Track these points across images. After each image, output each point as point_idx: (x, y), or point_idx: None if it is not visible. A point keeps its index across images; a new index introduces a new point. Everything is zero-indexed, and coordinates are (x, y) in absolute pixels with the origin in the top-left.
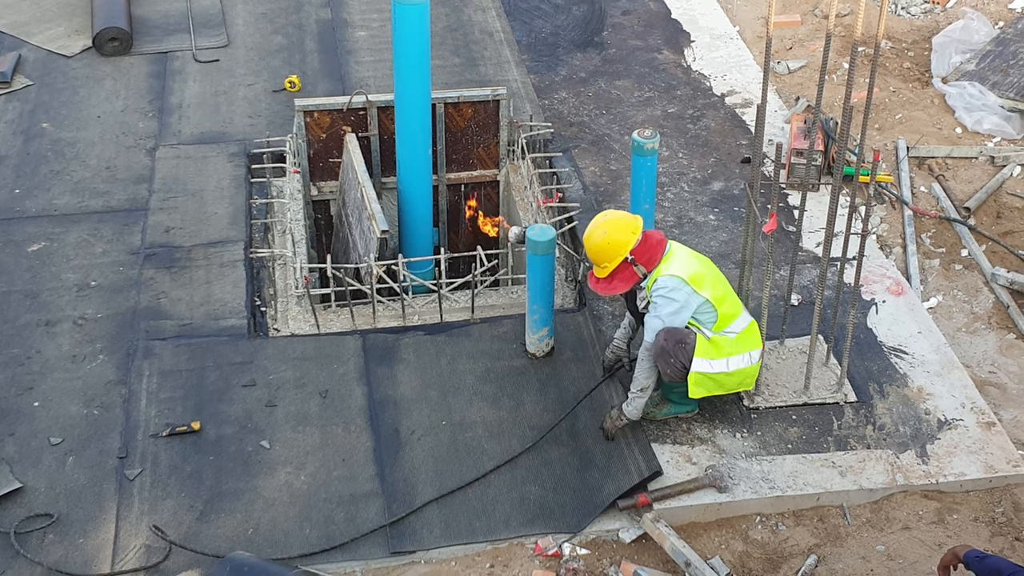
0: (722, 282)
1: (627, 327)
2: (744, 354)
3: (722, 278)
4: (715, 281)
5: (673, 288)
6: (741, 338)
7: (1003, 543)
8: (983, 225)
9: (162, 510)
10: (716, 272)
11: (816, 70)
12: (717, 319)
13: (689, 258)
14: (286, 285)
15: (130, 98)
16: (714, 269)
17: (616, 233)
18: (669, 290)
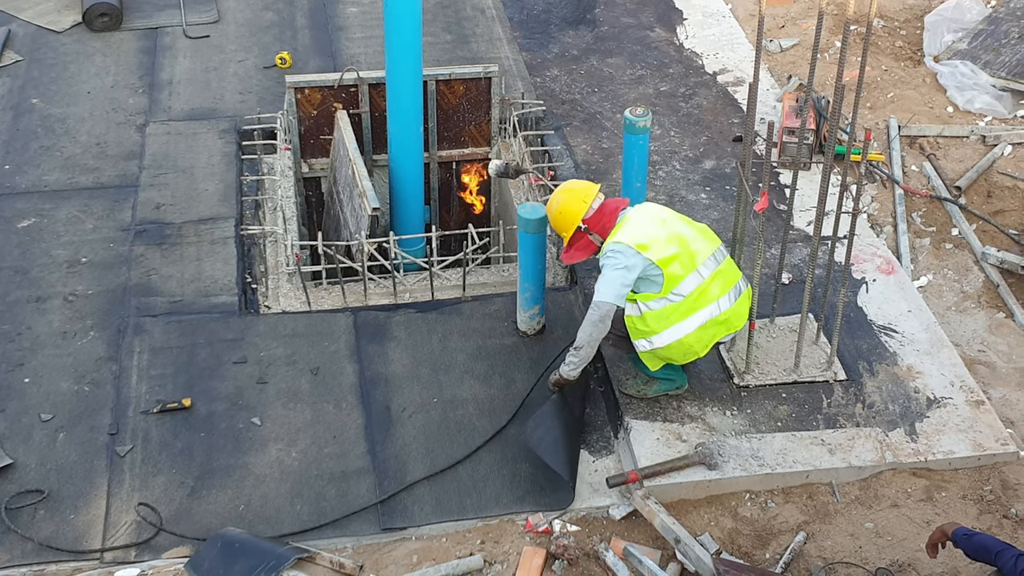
0: (680, 240)
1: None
2: (692, 316)
3: (683, 236)
4: (670, 240)
5: (617, 252)
6: (692, 300)
7: (991, 521)
8: (974, 204)
9: (153, 486)
10: (678, 230)
11: (808, 48)
12: (664, 281)
13: (642, 222)
14: (277, 262)
15: (120, 74)
16: (677, 227)
17: (568, 203)
18: (613, 254)
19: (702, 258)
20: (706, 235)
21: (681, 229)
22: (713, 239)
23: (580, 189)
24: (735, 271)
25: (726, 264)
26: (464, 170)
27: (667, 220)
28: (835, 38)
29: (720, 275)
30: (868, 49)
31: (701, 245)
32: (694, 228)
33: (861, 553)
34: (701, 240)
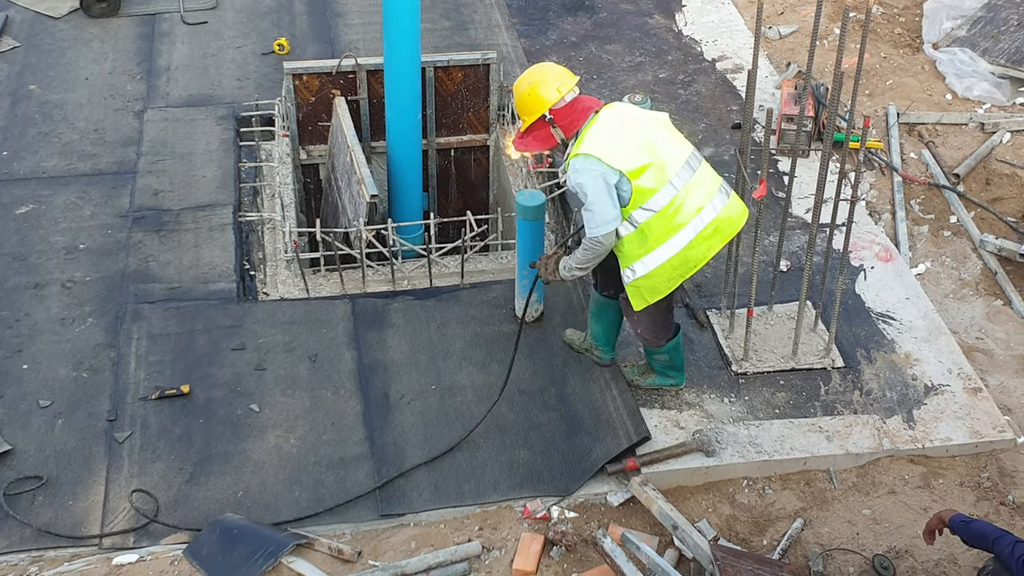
0: (650, 148)
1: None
2: (675, 236)
3: (653, 143)
4: (642, 149)
5: (584, 169)
6: (669, 218)
7: (988, 508)
8: (972, 191)
9: (151, 473)
10: (649, 135)
11: (807, 35)
12: (632, 195)
13: (610, 127)
14: (275, 249)
15: (118, 60)
16: (648, 131)
17: (540, 87)
18: (581, 172)
19: (674, 168)
20: (679, 140)
21: (653, 134)
22: (685, 144)
23: (555, 75)
24: (713, 176)
25: (702, 171)
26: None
27: (638, 123)
28: (834, 25)
29: (697, 184)
30: (867, 36)
31: (673, 153)
32: (667, 131)
33: (858, 540)
34: (674, 146)
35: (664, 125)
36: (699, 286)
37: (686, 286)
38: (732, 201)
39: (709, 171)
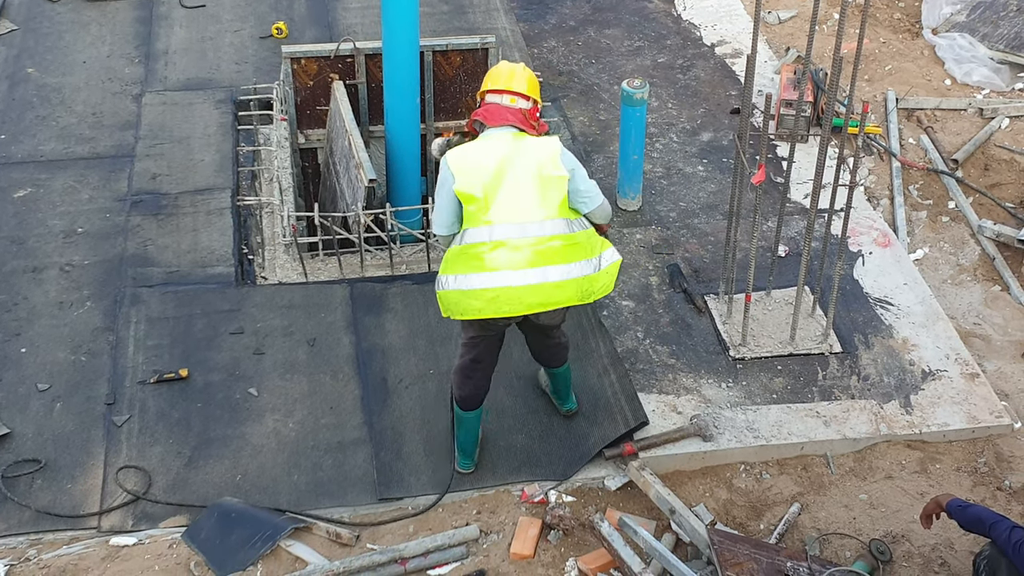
0: (490, 189)
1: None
2: (466, 276)
3: (497, 186)
4: (483, 183)
5: (441, 169)
6: (471, 257)
7: (985, 493)
8: (971, 177)
9: (150, 456)
10: (502, 180)
11: (806, 20)
12: (463, 216)
13: (483, 152)
14: (273, 233)
15: (116, 43)
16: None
17: (488, 76)
18: (440, 170)
19: (502, 218)
20: (538, 202)
21: (509, 180)
22: (540, 210)
23: (498, 72)
24: (569, 255)
25: (551, 244)
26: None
27: (506, 164)
28: (833, 10)
29: (525, 248)
30: (866, 21)
31: (510, 206)
32: (531, 188)
33: (855, 524)
34: (519, 202)
35: (536, 183)
36: (697, 271)
37: (685, 271)
38: (565, 287)
39: (569, 250)
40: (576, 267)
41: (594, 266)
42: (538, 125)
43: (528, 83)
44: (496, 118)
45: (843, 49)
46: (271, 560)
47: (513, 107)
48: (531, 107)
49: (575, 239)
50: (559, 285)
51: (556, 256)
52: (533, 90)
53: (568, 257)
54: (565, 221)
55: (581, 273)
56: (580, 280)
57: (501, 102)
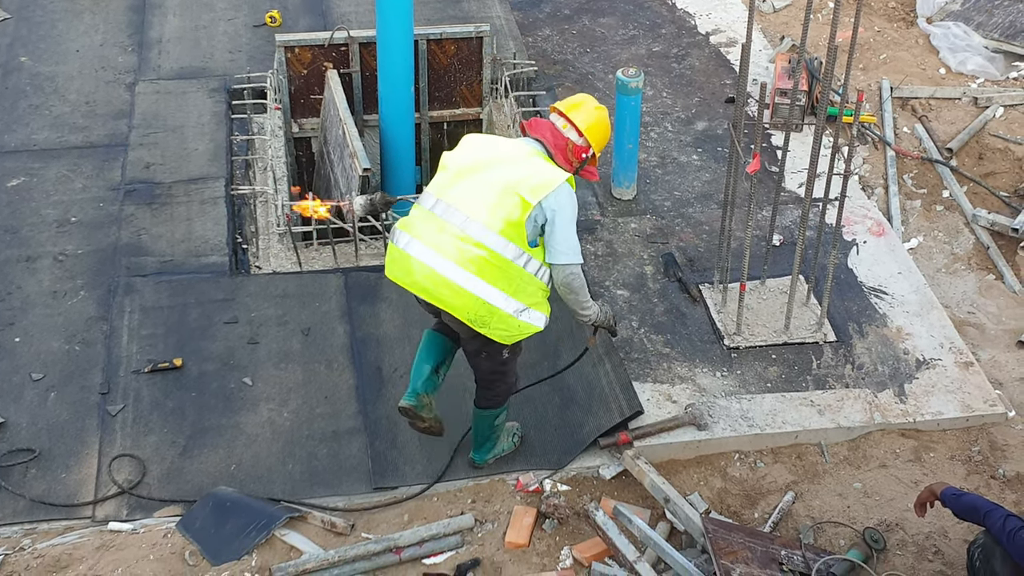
0: (459, 169)
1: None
2: (398, 232)
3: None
4: (456, 163)
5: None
6: (409, 217)
7: (979, 481)
8: (965, 166)
9: (144, 446)
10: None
11: (801, 9)
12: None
13: (492, 143)
14: (267, 223)
15: (109, 32)
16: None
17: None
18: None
19: (452, 199)
20: (493, 209)
21: (489, 176)
22: (496, 223)
23: (574, 99)
24: (486, 273)
25: (475, 251)
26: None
27: (484, 154)
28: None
29: (449, 236)
30: (861, 10)
31: (470, 197)
32: (496, 193)
33: (849, 513)
34: (479, 200)
35: (499, 191)
36: (692, 260)
37: (679, 260)
38: (445, 282)
39: (474, 251)
40: (485, 288)
41: (512, 307)
42: (576, 163)
43: (591, 122)
44: (535, 130)
45: (838, 38)
46: (266, 549)
47: (560, 131)
48: (580, 144)
49: (505, 266)
50: (454, 288)
51: (472, 264)
52: (592, 132)
53: (484, 274)
54: (509, 244)
55: (487, 298)
56: (481, 302)
57: (555, 122)
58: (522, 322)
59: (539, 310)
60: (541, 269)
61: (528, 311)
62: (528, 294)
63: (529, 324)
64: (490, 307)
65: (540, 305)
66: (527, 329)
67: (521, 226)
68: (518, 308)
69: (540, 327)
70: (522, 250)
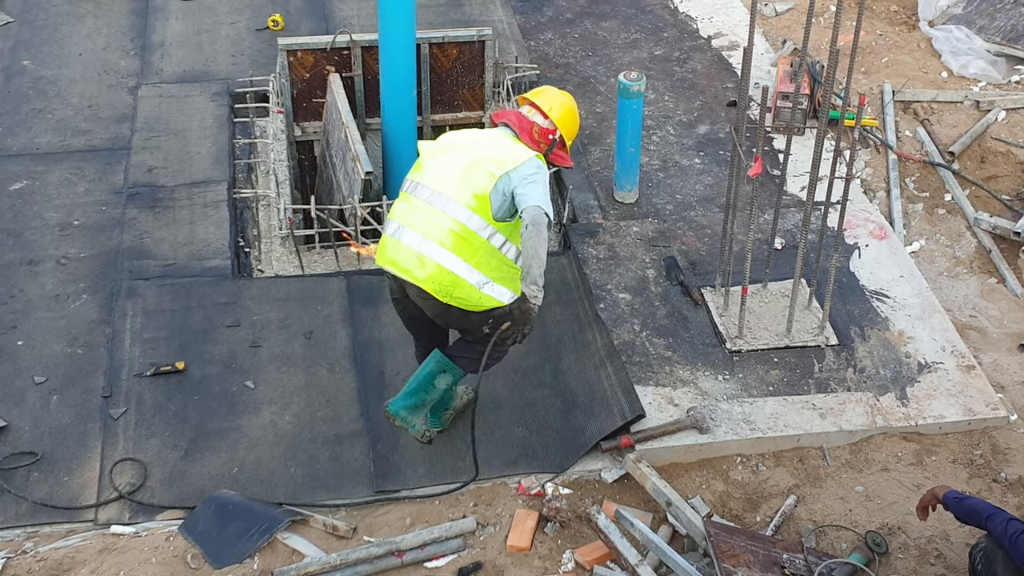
0: (431, 155)
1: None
2: (387, 221)
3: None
4: (431, 150)
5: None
6: (397, 201)
7: (981, 485)
8: (967, 170)
9: (146, 449)
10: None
11: (803, 12)
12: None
13: (458, 133)
14: (270, 226)
15: (112, 36)
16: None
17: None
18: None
19: (422, 179)
20: (460, 182)
21: (455, 155)
22: (464, 196)
23: (538, 88)
24: (454, 246)
25: (445, 224)
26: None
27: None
28: (830, 2)
29: (421, 211)
30: (863, 13)
31: (437, 173)
32: (462, 167)
33: (851, 516)
34: (446, 175)
35: (465, 165)
36: (694, 264)
37: (681, 264)
38: (414, 255)
39: (443, 224)
40: (452, 259)
41: (475, 279)
42: (543, 144)
43: (555, 104)
44: (502, 116)
45: (839, 41)
46: (268, 552)
47: (525, 116)
48: (545, 127)
49: (471, 237)
50: (421, 259)
51: (442, 236)
52: (559, 115)
53: (452, 247)
54: (474, 216)
55: (452, 268)
56: (445, 271)
57: (520, 109)
58: (484, 294)
59: (503, 285)
60: (507, 245)
61: (492, 284)
62: (492, 267)
63: (492, 297)
64: (454, 276)
65: (505, 281)
66: (489, 301)
67: (486, 199)
68: (481, 280)
69: (504, 302)
70: (487, 223)
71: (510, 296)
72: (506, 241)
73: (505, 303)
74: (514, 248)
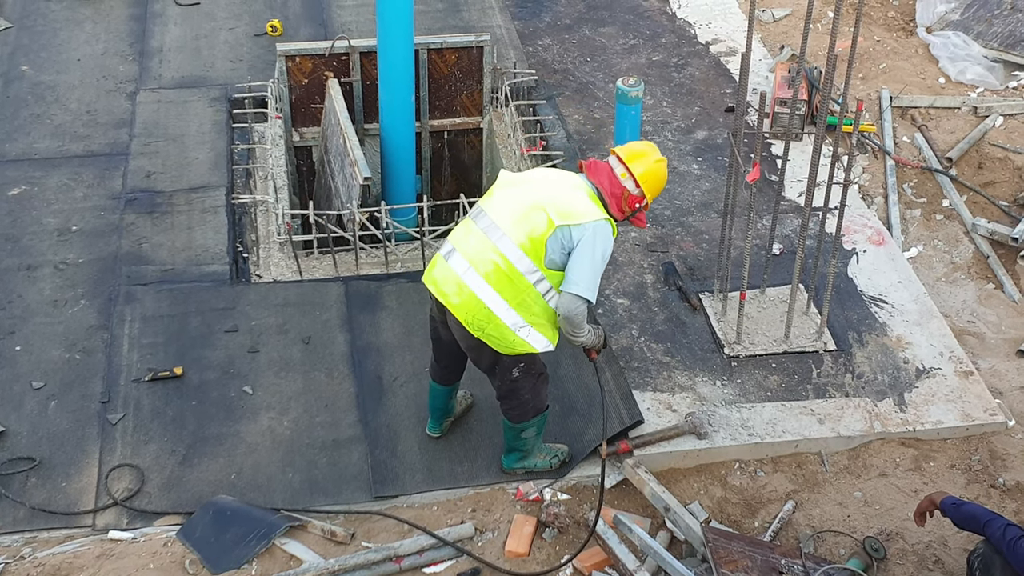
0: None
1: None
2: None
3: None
4: (510, 183)
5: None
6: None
7: (979, 490)
8: (965, 175)
9: (144, 454)
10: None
11: (801, 18)
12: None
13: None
14: (268, 231)
15: (110, 41)
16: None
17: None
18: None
19: (487, 207)
20: (518, 221)
21: (522, 191)
22: (518, 235)
23: (635, 147)
24: (496, 281)
25: (492, 257)
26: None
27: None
28: (828, 8)
29: (476, 238)
30: (860, 19)
31: (500, 206)
32: (524, 208)
33: (849, 522)
34: (508, 211)
35: (527, 206)
36: (692, 269)
37: (679, 269)
38: (456, 281)
39: (490, 257)
40: (491, 294)
41: (511, 320)
42: (628, 212)
43: (650, 174)
44: (594, 174)
45: (837, 47)
46: (266, 558)
47: (618, 179)
48: (635, 195)
49: (515, 278)
50: (460, 285)
51: (488, 270)
52: (649, 183)
53: (495, 282)
54: (524, 257)
55: (489, 303)
56: (481, 305)
57: (614, 168)
58: (519, 338)
59: (541, 332)
60: (551, 293)
61: (528, 329)
62: (532, 312)
63: (526, 342)
64: (489, 312)
65: (543, 328)
66: (523, 346)
67: (541, 244)
68: (517, 322)
69: (538, 349)
70: (536, 267)
71: (545, 345)
72: (551, 289)
73: (539, 351)
74: (558, 297)
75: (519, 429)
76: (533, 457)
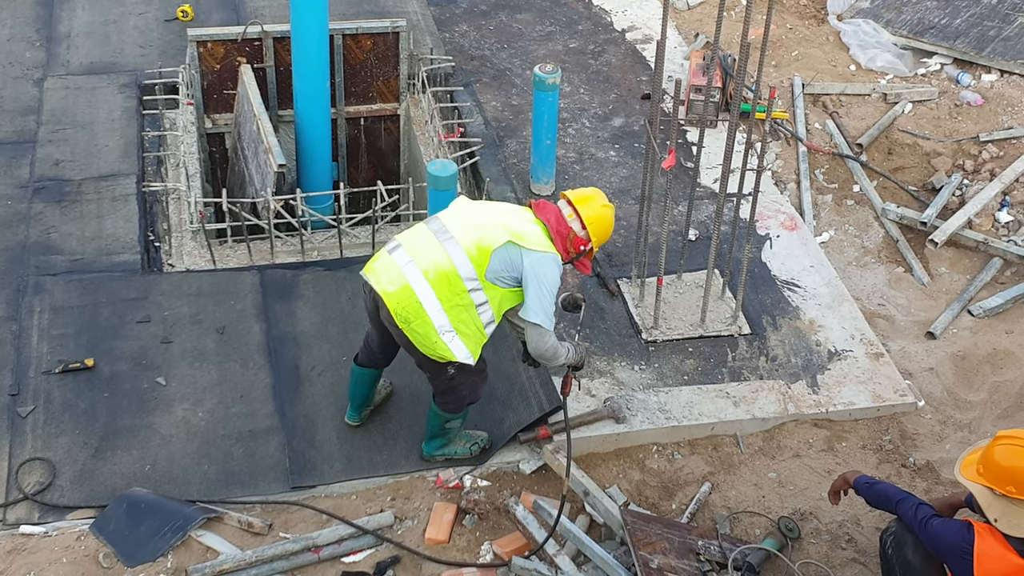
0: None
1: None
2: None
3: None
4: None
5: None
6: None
7: (890, 470)
8: (875, 161)
9: (56, 447)
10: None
11: (715, 6)
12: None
13: (484, 202)
14: (180, 220)
15: (16, 27)
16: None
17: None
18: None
19: (442, 215)
20: (470, 230)
21: (476, 209)
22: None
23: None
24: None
25: (439, 260)
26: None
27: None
28: None
29: (423, 238)
30: (773, 7)
31: (455, 217)
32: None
33: (764, 503)
34: (463, 222)
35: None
36: (610, 256)
37: (598, 256)
38: (396, 271)
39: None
40: (426, 290)
41: (438, 321)
42: (572, 253)
43: (597, 218)
44: (542, 212)
45: (750, 35)
46: (182, 551)
47: (564, 219)
48: (581, 237)
49: (454, 284)
50: (399, 276)
51: (428, 266)
52: (595, 227)
53: (433, 280)
54: (468, 263)
55: (421, 299)
56: (414, 299)
57: (562, 209)
58: (441, 341)
59: (464, 342)
60: (485, 307)
61: (453, 335)
62: (460, 320)
63: (447, 348)
64: (419, 307)
65: (467, 338)
66: (443, 350)
67: (487, 254)
68: (444, 325)
69: (459, 359)
70: (476, 275)
71: (466, 356)
72: (486, 303)
73: (459, 360)
74: (491, 314)
75: (447, 418)
76: (453, 444)
